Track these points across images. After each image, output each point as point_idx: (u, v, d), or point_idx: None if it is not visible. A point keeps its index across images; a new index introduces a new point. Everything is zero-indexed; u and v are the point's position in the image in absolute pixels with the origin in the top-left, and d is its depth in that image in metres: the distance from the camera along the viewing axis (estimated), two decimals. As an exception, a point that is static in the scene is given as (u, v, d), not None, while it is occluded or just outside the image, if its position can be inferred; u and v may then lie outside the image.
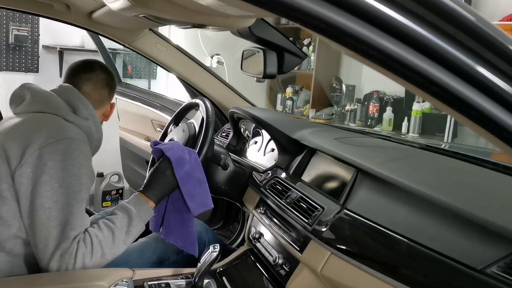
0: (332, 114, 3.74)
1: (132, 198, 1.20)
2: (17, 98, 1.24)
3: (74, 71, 1.31)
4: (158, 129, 2.33)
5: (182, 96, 2.53)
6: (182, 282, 1.19)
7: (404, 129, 3.21)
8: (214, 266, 1.24)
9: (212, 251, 1.12)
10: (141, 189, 1.23)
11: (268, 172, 1.47)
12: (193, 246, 1.29)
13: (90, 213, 1.58)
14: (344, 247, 0.96)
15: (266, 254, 1.27)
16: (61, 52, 3.36)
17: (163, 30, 3.21)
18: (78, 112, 1.21)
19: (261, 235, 1.35)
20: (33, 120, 1.15)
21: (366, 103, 3.53)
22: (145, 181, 1.25)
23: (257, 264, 1.34)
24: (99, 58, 2.84)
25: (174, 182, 1.23)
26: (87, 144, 1.17)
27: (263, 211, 1.37)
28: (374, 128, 3.32)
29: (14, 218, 1.07)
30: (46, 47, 3.35)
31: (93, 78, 1.29)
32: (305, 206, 1.15)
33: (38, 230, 1.05)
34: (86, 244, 1.06)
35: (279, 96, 4.21)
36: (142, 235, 1.40)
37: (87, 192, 1.11)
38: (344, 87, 3.78)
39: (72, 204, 1.06)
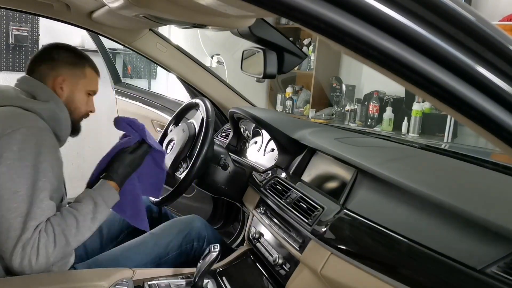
0: (332, 114, 3.74)
1: (98, 184, 1.19)
2: None
3: (32, 57, 1.29)
4: (158, 129, 2.33)
5: (182, 96, 2.53)
6: (182, 282, 1.19)
7: (404, 129, 3.21)
8: (214, 266, 1.24)
9: (212, 251, 1.12)
10: (105, 173, 1.22)
11: (268, 172, 1.47)
12: (143, 221, 1.30)
13: None
14: (344, 247, 0.96)
15: (266, 254, 1.27)
16: (61, 52, 3.35)
17: (163, 30, 3.21)
18: (37, 97, 1.18)
19: (261, 235, 1.35)
20: None
21: (366, 103, 3.53)
22: (110, 165, 1.23)
23: (257, 264, 1.34)
24: (99, 58, 2.84)
25: (139, 165, 1.26)
26: (48, 130, 1.12)
27: (263, 211, 1.37)
28: (374, 128, 3.32)
29: None
30: (46, 47, 3.35)
31: (46, 63, 1.24)
32: (305, 206, 1.15)
33: (0, 223, 1.02)
34: (48, 234, 1.03)
35: (279, 96, 4.21)
36: (139, 233, 1.41)
37: (49, 180, 1.07)
38: (344, 87, 3.78)
39: (32, 194, 1.03)
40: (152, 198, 1.51)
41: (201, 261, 1.13)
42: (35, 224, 1.02)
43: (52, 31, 3.33)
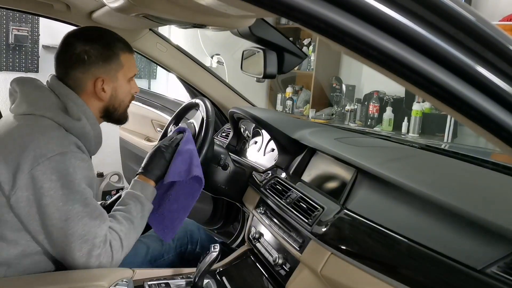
0: (332, 114, 3.74)
1: (136, 184, 1.22)
2: (11, 96, 1.17)
3: (56, 56, 1.17)
4: (158, 129, 2.33)
5: (182, 96, 2.53)
6: (182, 282, 1.19)
7: (404, 129, 3.21)
8: (214, 266, 1.24)
9: (212, 251, 1.12)
10: (141, 171, 1.25)
11: (268, 172, 1.47)
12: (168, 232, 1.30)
13: None
14: (344, 247, 0.96)
15: (266, 254, 1.27)
16: (61, 52, 3.35)
17: (163, 30, 3.21)
18: (69, 111, 1.11)
19: (261, 235, 1.35)
20: (19, 133, 1.05)
21: (366, 103, 3.53)
22: (144, 163, 1.27)
23: (257, 264, 1.34)
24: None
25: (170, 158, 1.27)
26: (80, 152, 1.08)
27: (263, 211, 1.37)
28: (374, 128, 3.33)
29: (20, 238, 1.05)
30: (46, 47, 3.35)
31: (78, 67, 1.13)
32: (305, 206, 1.15)
33: (60, 246, 1.05)
34: (117, 240, 1.09)
35: (279, 96, 4.21)
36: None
37: (92, 198, 1.09)
38: (344, 87, 3.78)
39: (83, 216, 1.03)
40: None
41: (201, 261, 1.13)
42: (100, 241, 1.05)
43: (52, 31, 3.33)
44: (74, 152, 1.06)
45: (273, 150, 1.60)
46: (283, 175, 1.40)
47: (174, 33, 3.64)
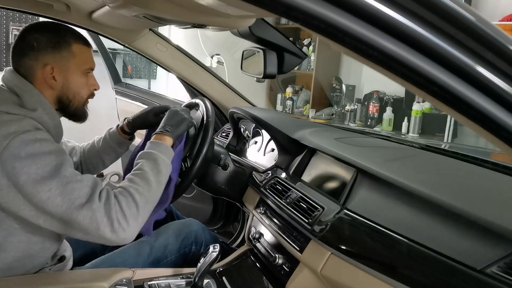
0: (332, 114, 3.74)
1: (149, 144, 1.19)
2: None
3: (12, 48, 1.15)
4: (158, 129, 2.32)
5: (182, 96, 2.53)
6: (182, 282, 1.19)
7: (404, 129, 3.21)
8: (214, 266, 1.24)
9: (212, 251, 1.12)
10: (157, 131, 1.24)
11: (268, 172, 1.47)
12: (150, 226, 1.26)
13: None
14: (344, 247, 0.96)
15: (266, 254, 1.27)
16: (61, 52, 3.35)
17: (163, 30, 3.21)
18: (24, 103, 1.07)
19: (261, 235, 1.35)
20: None
21: (366, 103, 3.53)
22: (161, 124, 1.27)
23: (257, 264, 1.34)
24: (99, 58, 2.85)
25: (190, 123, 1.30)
26: (43, 130, 1.04)
27: (263, 211, 1.37)
28: (374, 128, 3.33)
29: (14, 222, 1.02)
30: (46, 47, 3.35)
31: (28, 54, 1.11)
32: (305, 206, 1.15)
33: (62, 221, 0.99)
34: (125, 195, 1.04)
35: (279, 96, 4.21)
36: (138, 236, 1.40)
37: (70, 164, 1.03)
38: (344, 87, 3.78)
39: (67, 183, 0.98)
40: None
41: (201, 261, 1.13)
42: (96, 197, 1.00)
43: (52, 31, 3.32)
44: (35, 129, 1.02)
45: (273, 150, 1.60)
46: (283, 175, 1.40)
47: (174, 33, 3.64)
